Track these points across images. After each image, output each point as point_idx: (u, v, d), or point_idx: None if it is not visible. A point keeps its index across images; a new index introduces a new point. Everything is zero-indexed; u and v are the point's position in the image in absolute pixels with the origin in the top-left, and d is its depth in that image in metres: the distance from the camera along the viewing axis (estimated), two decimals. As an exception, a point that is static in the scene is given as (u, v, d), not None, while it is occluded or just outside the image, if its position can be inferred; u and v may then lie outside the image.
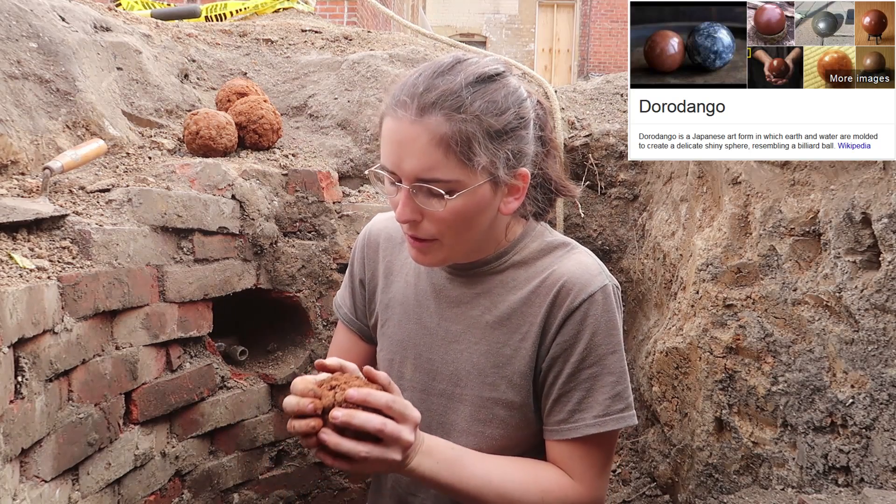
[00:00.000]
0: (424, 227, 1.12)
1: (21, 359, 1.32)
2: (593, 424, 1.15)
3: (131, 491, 1.73)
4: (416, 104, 1.06)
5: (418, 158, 1.06)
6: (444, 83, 1.07)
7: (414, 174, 1.07)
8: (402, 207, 1.10)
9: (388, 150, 1.10)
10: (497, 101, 1.09)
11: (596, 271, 1.18)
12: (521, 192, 1.16)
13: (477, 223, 1.14)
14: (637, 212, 2.87)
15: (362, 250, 1.38)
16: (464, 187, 1.08)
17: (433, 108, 1.05)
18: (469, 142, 1.06)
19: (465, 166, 1.07)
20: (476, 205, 1.11)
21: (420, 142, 1.06)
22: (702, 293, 2.15)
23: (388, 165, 1.11)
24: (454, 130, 1.05)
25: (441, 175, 1.07)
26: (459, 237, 1.14)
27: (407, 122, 1.06)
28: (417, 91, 1.07)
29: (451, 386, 1.24)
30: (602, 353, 1.16)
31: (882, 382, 1.67)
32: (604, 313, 1.16)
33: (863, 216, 1.70)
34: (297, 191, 2.20)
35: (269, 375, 2.19)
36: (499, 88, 1.10)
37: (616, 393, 1.16)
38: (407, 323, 1.28)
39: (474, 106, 1.06)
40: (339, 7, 6.85)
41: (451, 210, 1.09)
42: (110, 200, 1.76)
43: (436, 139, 1.05)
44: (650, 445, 2.53)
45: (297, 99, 2.74)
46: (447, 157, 1.06)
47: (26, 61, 1.89)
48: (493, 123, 1.08)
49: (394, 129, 1.09)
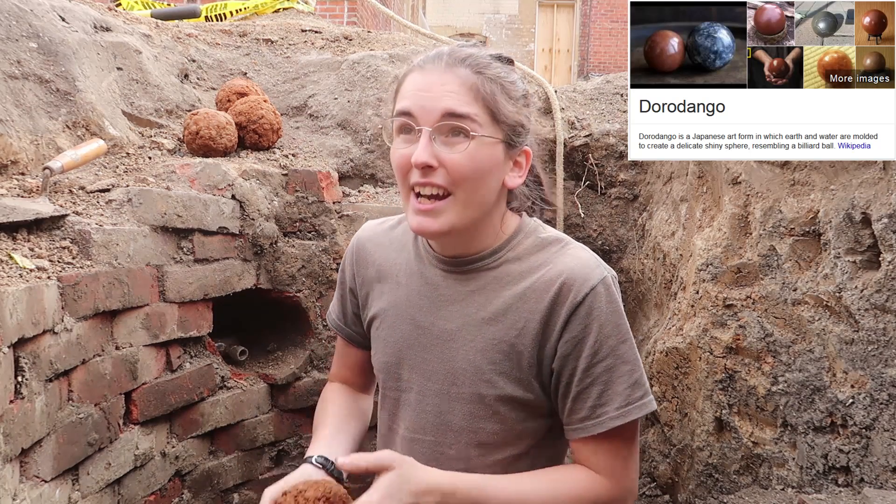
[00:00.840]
0: (437, 176, 1.13)
1: (21, 359, 1.32)
2: (617, 416, 1.15)
3: (131, 491, 1.73)
4: (446, 59, 1.14)
5: (449, 97, 1.11)
6: (469, 50, 1.16)
7: (443, 109, 1.11)
8: (420, 150, 1.11)
9: (414, 95, 1.14)
10: (514, 79, 1.18)
11: (594, 264, 1.19)
12: (523, 170, 1.20)
13: (487, 181, 1.16)
14: (637, 212, 2.87)
15: (352, 259, 1.38)
16: (484, 132, 1.13)
17: (462, 62, 1.13)
18: (494, 96, 1.13)
19: (488, 114, 1.13)
20: (489, 158, 1.14)
21: (451, 84, 1.12)
22: (702, 293, 2.15)
23: (413, 108, 1.13)
24: (482, 83, 1.12)
25: (468, 110, 1.11)
26: (470, 193, 1.15)
27: (437, 72, 1.13)
28: (444, 51, 1.15)
29: (447, 385, 1.23)
30: (613, 344, 1.16)
31: (882, 382, 1.67)
32: (608, 304, 1.16)
33: (863, 216, 1.70)
34: (297, 191, 2.20)
35: (269, 375, 2.19)
36: (513, 70, 1.20)
37: (634, 381, 1.16)
38: (401, 325, 1.28)
39: (496, 71, 1.15)
40: (339, 7, 6.85)
41: (468, 154, 1.11)
42: (110, 200, 1.76)
43: (466, 84, 1.12)
44: (650, 445, 2.53)
45: (297, 99, 2.74)
46: (476, 100, 1.12)
47: (26, 61, 1.89)
48: (512, 91, 1.16)
49: (421, 79, 1.14)
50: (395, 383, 1.29)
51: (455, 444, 1.23)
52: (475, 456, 1.22)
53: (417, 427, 1.26)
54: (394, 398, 1.30)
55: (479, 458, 1.22)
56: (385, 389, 1.32)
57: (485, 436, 1.22)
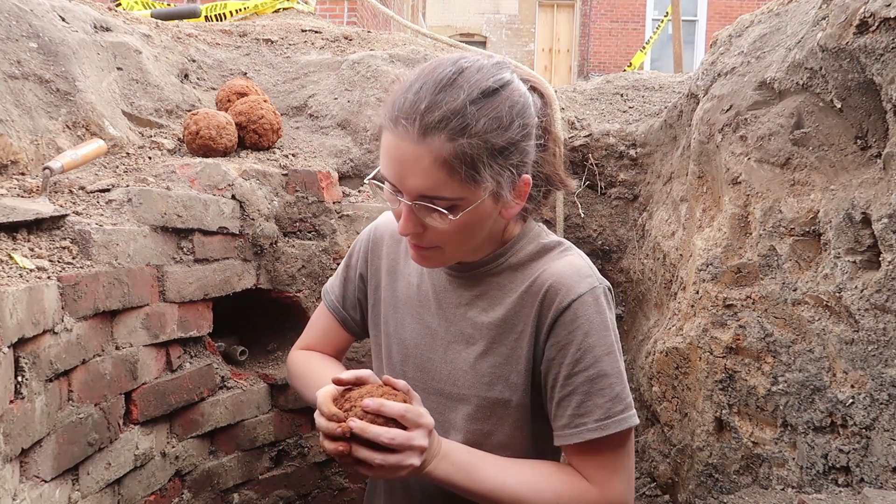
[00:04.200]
0: (427, 237, 1.13)
1: (21, 359, 1.32)
2: (595, 429, 1.15)
3: (131, 491, 1.73)
4: (418, 125, 1.03)
5: (421, 178, 1.05)
6: (446, 101, 1.03)
7: (416, 192, 1.06)
8: (404, 222, 1.10)
9: (390, 165, 1.08)
10: (501, 116, 1.06)
11: (586, 273, 1.18)
12: (523, 197, 1.16)
13: (478, 232, 1.16)
14: (637, 212, 2.87)
15: (366, 246, 1.39)
16: (467, 204, 1.08)
17: (436, 129, 1.02)
18: (473, 163, 1.04)
19: (468, 185, 1.06)
20: (478, 218, 1.12)
21: (423, 163, 1.04)
22: (702, 293, 2.15)
23: (390, 178, 1.09)
24: (458, 152, 1.03)
25: (444, 193, 1.06)
26: (461, 245, 1.16)
27: (409, 143, 1.04)
28: (419, 110, 1.03)
29: (449, 385, 1.25)
30: (598, 355, 1.15)
31: (882, 382, 1.67)
32: (595, 315, 1.16)
33: (863, 216, 1.70)
34: (297, 191, 2.20)
35: (269, 375, 2.19)
36: (503, 101, 1.07)
37: (615, 395, 1.16)
38: (410, 323, 1.29)
39: (479, 125, 1.03)
40: (339, 7, 6.85)
41: (454, 225, 1.09)
42: (110, 200, 1.76)
43: (439, 161, 1.03)
44: (650, 445, 2.53)
45: (297, 99, 2.74)
46: (451, 177, 1.04)
47: (26, 61, 1.89)
48: (498, 142, 1.06)
49: (395, 146, 1.06)
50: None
51: (455, 444, 1.24)
52: None
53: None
54: None
55: None
56: None
57: (483, 438, 1.23)
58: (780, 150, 1.92)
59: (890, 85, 1.56)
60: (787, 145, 1.90)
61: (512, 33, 17.68)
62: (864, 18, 1.58)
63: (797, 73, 1.84)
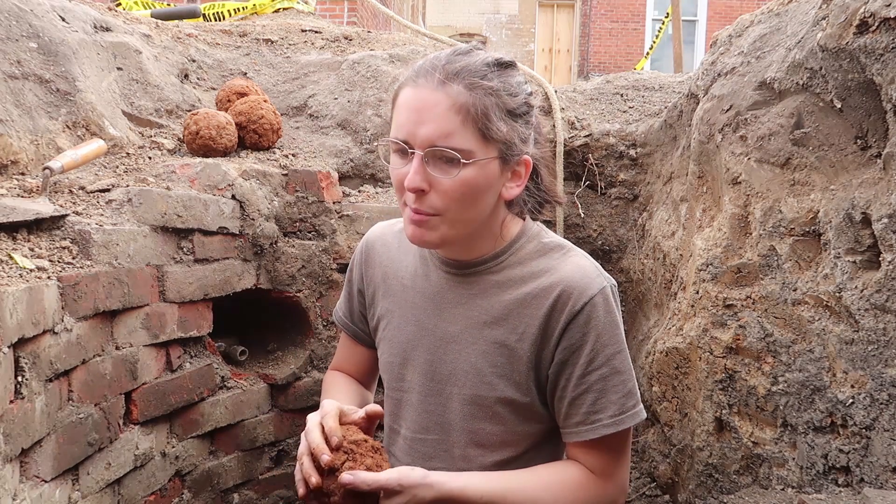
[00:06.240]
0: (430, 199, 1.13)
1: (21, 359, 1.32)
2: (610, 424, 1.17)
3: (131, 491, 1.73)
4: (440, 73, 1.10)
5: (437, 123, 1.09)
6: (465, 61, 1.12)
7: (430, 139, 1.09)
8: (412, 174, 1.11)
9: (405, 117, 1.12)
10: (512, 84, 1.14)
11: (594, 274, 1.19)
12: (522, 180, 1.19)
13: (481, 201, 1.15)
14: (637, 212, 2.87)
15: (360, 259, 1.40)
16: (476, 157, 1.11)
17: (456, 77, 1.10)
18: (487, 114, 1.10)
19: (480, 137, 1.11)
20: (484, 179, 1.13)
21: (440, 107, 1.09)
22: (702, 293, 2.15)
23: (403, 133, 1.12)
24: (474, 100, 1.09)
25: (457, 142, 1.09)
26: (463, 213, 1.15)
27: (428, 89, 1.10)
28: (440, 63, 1.12)
29: (449, 386, 1.25)
30: (610, 354, 1.17)
31: (882, 382, 1.67)
32: (606, 315, 1.17)
33: (863, 216, 1.70)
34: (297, 191, 2.20)
35: (269, 375, 2.19)
36: (513, 74, 1.16)
37: (628, 390, 1.18)
38: (406, 326, 1.29)
39: (494, 83, 1.11)
40: (339, 7, 6.85)
41: (461, 180, 1.11)
42: (110, 200, 1.76)
43: (456, 106, 1.09)
44: (650, 445, 2.53)
45: (297, 99, 2.74)
46: (465, 125, 1.09)
47: (26, 61, 1.89)
48: (509, 102, 1.13)
49: (413, 96, 1.12)
50: (398, 384, 1.30)
51: (455, 445, 1.25)
52: (475, 456, 1.24)
53: (419, 427, 1.27)
54: (396, 399, 1.31)
55: (478, 458, 1.24)
56: (388, 390, 1.34)
57: (484, 436, 1.23)
58: (780, 150, 1.92)
59: (890, 85, 1.56)
60: (787, 145, 1.90)
61: (512, 33, 17.67)
62: (864, 18, 1.58)
63: (797, 73, 1.84)
